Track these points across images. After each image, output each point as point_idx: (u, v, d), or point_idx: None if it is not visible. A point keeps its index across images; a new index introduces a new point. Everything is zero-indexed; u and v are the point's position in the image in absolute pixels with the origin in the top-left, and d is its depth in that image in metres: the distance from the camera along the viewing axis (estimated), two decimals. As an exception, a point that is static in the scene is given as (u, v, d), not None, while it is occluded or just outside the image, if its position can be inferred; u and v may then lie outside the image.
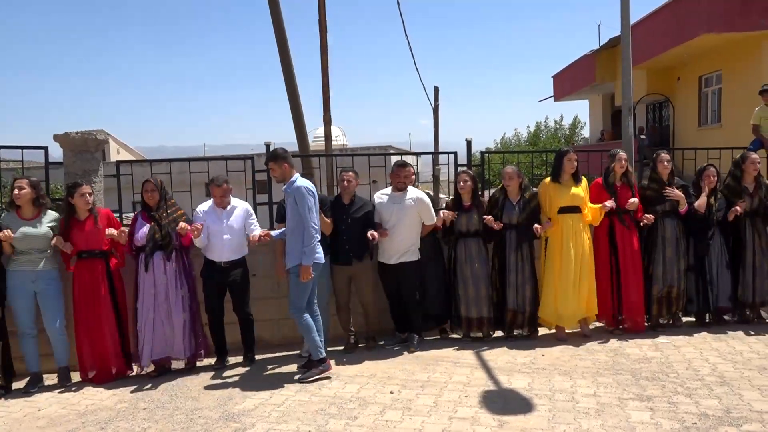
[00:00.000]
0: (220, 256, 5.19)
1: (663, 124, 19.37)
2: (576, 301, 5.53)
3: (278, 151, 4.88)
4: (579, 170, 5.63)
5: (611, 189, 5.67)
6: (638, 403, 4.08)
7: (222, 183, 5.17)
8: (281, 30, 9.20)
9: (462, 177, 5.70)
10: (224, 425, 4.01)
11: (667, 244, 5.73)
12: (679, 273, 5.73)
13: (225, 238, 5.14)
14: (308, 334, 4.85)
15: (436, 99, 22.29)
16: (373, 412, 4.11)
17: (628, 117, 6.53)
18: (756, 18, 12.92)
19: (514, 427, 3.78)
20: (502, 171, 5.73)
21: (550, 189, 5.62)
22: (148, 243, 5.04)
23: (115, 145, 32.63)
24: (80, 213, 5.03)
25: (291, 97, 9.35)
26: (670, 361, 4.91)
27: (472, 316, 5.62)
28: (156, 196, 5.13)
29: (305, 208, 4.71)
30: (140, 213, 5.22)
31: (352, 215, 5.39)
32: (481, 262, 5.62)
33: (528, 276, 5.61)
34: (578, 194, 5.55)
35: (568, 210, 5.54)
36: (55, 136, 5.59)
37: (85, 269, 5.02)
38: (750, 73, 13.41)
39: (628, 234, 5.66)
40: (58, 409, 4.47)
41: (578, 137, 37.05)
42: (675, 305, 5.79)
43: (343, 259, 5.38)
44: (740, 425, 3.69)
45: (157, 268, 5.05)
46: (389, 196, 5.56)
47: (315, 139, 18.28)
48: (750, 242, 5.80)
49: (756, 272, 5.78)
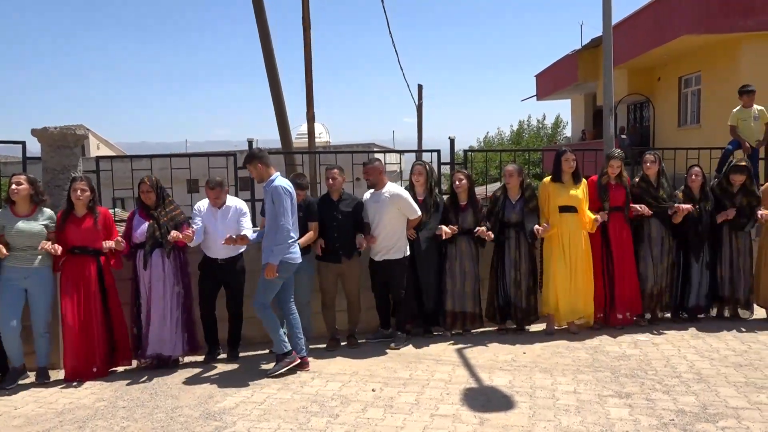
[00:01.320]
0: (217, 253, 5.24)
1: (644, 124, 19.59)
2: (573, 298, 5.62)
3: (253, 151, 4.94)
4: (579, 170, 5.70)
5: (604, 189, 5.75)
6: (617, 400, 4.13)
7: (214, 186, 5.21)
8: (265, 27, 9.17)
9: (458, 176, 5.70)
10: (205, 423, 3.98)
11: (653, 243, 5.84)
12: (663, 271, 5.84)
13: (219, 235, 5.13)
14: (273, 329, 4.91)
15: (420, 97, 22.32)
16: (355, 410, 4.11)
17: (609, 117, 6.59)
18: (735, 20, 13.11)
19: (495, 424, 3.81)
20: (504, 169, 5.80)
21: (550, 188, 5.69)
22: (147, 240, 5.04)
23: (96, 141, 32.24)
24: (78, 209, 4.98)
25: (274, 94, 9.32)
26: (648, 358, 4.98)
27: (456, 310, 5.68)
28: (152, 197, 5.12)
29: (281, 207, 4.78)
30: (137, 211, 5.21)
31: (342, 211, 5.38)
32: (471, 259, 5.68)
33: (525, 272, 5.69)
34: (576, 195, 5.62)
35: (566, 209, 5.61)
36: (33, 131, 5.49)
37: (75, 265, 4.95)
38: (729, 75, 13.60)
39: (620, 231, 5.76)
40: (35, 407, 4.40)
41: (560, 136, 37.35)
42: (658, 302, 5.91)
43: (333, 258, 5.37)
44: (716, 421, 3.75)
45: (155, 265, 5.05)
46: (371, 194, 5.57)
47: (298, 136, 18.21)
48: (727, 242, 5.93)
49: (733, 271, 5.92)
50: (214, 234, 5.20)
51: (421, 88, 22.65)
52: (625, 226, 5.80)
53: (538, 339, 5.60)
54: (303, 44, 9.86)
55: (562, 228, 5.61)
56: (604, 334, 5.66)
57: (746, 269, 5.95)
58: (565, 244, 5.60)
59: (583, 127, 23.73)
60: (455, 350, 5.34)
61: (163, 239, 5.05)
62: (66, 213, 5.00)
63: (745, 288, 5.96)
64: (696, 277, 5.91)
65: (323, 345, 5.59)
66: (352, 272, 5.50)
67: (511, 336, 5.71)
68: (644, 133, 18.97)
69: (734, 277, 5.92)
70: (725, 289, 5.95)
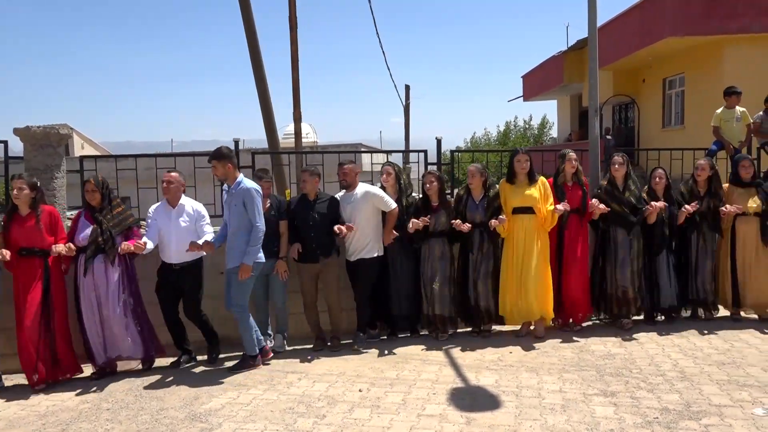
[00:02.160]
0: (170, 257, 5.08)
1: (629, 125, 19.78)
2: (524, 300, 5.53)
3: (223, 150, 4.91)
4: (533, 170, 5.64)
5: (560, 189, 5.69)
6: (602, 399, 4.16)
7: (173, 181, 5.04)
8: (251, 26, 9.12)
9: (428, 178, 5.67)
10: (190, 425, 3.96)
11: (618, 246, 5.77)
12: (632, 275, 5.75)
13: (173, 239, 5.02)
14: (248, 332, 4.96)
15: (407, 97, 22.38)
16: (342, 410, 4.10)
17: (595, 118, 6.64)
18: (716, 23, 13.28)
19: (481, 423, 3.82)
20: (467, 169, 5.78)
21: (506, 189, 5.65)
22: (89, 245, 4.82)
23: (80, 140, 31.86)
24: (21, 208, 4.81)
25: (261, 93, 9.27)
26: (633, 357, 5.02)
27: (434, 313, 5.64)
28: (97, 197, 4.91)
29: (255, 209, 4.81)
30: (83, 212, 5.00)
31: (319, 211, 5.38)
32: (445, 261, 5.64)
33: (488, 273, 5.64)
34: (531, 195, 5.53)
35: (521, 210, 5.54)
36: (16, 130, 5.43)
37: (25, 267, 4.78)
38: (712, 76, 13.77)
39: (576, 232, 5.72)
40: (18, 410, 4.35)
41: (547, 137, 37.59)
42: (633, 306, 5.81)
43: (310, 258, 5.36)
44: (700, 419, 3.79)
45: (97, 271, 4.83)
46: (343, 196, 5.56)
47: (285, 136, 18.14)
48: (695, 244, 5.93)
49: (699, 272, 5.93)
50: (168, 236, 5.05)
51: (409, 89, 22.73)
52: (581, 228, 5.74)
53: (513, 340, 5.56)
54: (290, 43, 9.83)
55: (516, 229, 5.54)
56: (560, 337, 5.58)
57: (712, 270, 5.96)
58: (519, 245, 5.53)
59: (569, 128, 23.90)
60: (442, 350, 5.34)
61: (105, 245, 4.82)
62: (10, 213, 4.84)
63: (711, 289, 5.97)
64: (665, 278, 5.88)
65: (310, 345, 5.58)
66: (330, 272, 5.47)
67: (488, 338, 5.67)
68: (629, 134, 19.15)
69: (701, 279, 5.93)
70: (693, 290, 5.97)
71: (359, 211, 5.41)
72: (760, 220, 5.89)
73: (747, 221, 5.92)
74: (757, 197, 5.91)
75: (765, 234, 5.88)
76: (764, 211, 5.88)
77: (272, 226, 5.27)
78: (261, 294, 5.43)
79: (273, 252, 5.31)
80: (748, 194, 5.94)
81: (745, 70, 12.87)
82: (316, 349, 5.47)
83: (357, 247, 5.46)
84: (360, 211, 5.41)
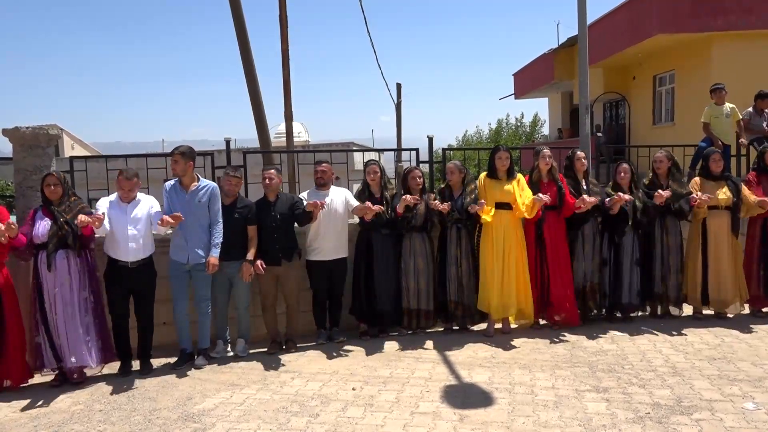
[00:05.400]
0: (126, 254, 4.88)
1: (619, 122, 19.85)
2: (506, 295, 5.55)
3: (192, 150, 5.15)
4: (513, 168, 5.69)
5: (536, 186, 5.67)
6: (594, 395, 4.18)
7: (132, 177, 4.95)
8: (242, 25, 9.08)
9: (416, 173, 5.76)
10: (183, 425, 3.94)
11: (585, 240, 5.82)
12: (595, 268, 5.83)
13: (130, 234, 4.86)
14: (205, 325, 5.26)
15: (399, 96, 22.35)
16: (335, 409, 4.10)
17: (585, 115, 6.67)
18: (705, 20, 13.35)
19: (474, 420, 3.83)
20: (447, 166, 5.84)
21: (486, 184, 5.65)
22: (50, 239, 4.62)
23: (70, 141, 31.65)
24: None
25: (252, 91, 9.24)
26: (625, 353, 5.05)
27: (413, 308, 5.69)
28: (59, 191, 4.77)
29: (218, 207, 5.15)
30: (40, 208, 4.81)
31: (280, 212, 5.35)
32: (424, 256, 5.68)
33: (466, 269, 5.67)
34: (510, 191, 5.55)
35: (500, 206, 5.55)
36: (4, 131, 5.37)
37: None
38: (701, 73, 13.84)
39: (555, 229, 5.71)
40: (9, 412, 4.31)
41: (538, 135, 37.68)
42: (591, 300, 5.86)
43: (272, 260, 5.32)
44: (691, 414, 3.82)
45: (60, 267, 4.65)
46: (313, 194, 5.55)
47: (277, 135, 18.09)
48: (659, 239, 5.93)
49: (664, 269, 5.92)
50: (122, 233, 4.85)
51: (400, 87, 22.68)
52: (559, 225, 5.73)
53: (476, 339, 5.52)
54: (280, 40, 9.79)
55: (496, 224, 5.54)
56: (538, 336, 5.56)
57: (677, 267, 5.95)
58: (498, 240, 5.54)
59: (560, 126, 23.97)
60: (435, 348, 5.35)
61: (68, 238, 4.64)
62: None
63: (676, 286, 5.96)
64: (627, 274, 5.87)
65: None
66: (291, 274, 5.44)
67: (457, 336, 5.65)
68: (620, 132, 19.20)
69: (665, 275, 5.92)
70: (658, 287, 5.94)
71: (333, 210, 5.47)
72: (731, 214, 5.89)
73: (718, 215, 5.90)
74: (727, 189, 5.90)
75: (735, 227, 5.90)
76: (734, 204, 5.87)
77: (237, 229, 5.22)
78: (223, 300, 5.37)
79: (238, 255, 5.22)
80: (718, 187, 5.93)
81: (734, 67, 12.96)
82: (270, 353, 5.37)
83: (331, 246, 5.49)
84: (334, 210, 5.47)
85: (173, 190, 5.14)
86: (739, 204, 5.91)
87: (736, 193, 5.90)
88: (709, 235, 5.94)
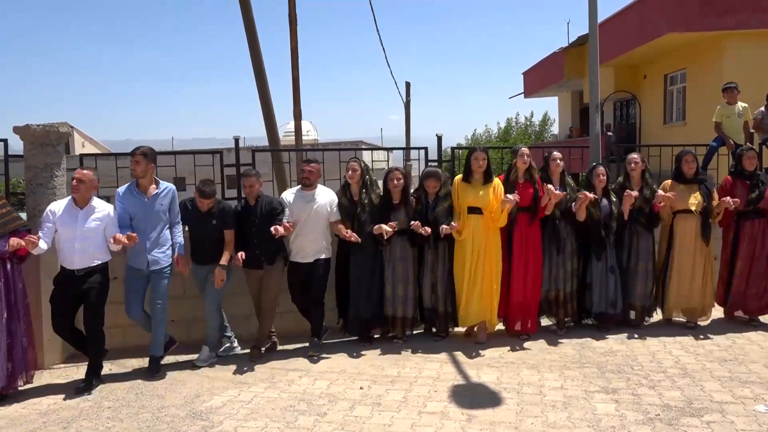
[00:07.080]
0: (71, 262, 4.60)
1: (630, 122, 19.72)
2: (474, 303, 5.38)
3: (148, 149, 5.04)
4: (491, 170, 5.45)
5: (512, 186, 5.44)
6: (604, 396, 4.15)
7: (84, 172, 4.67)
8: (251, 24, 9.11)
9: (395, 174, 5.45)
10: (191, 423, 3.96)
11: (561, 245, 5.56)
12: (567, 275, 5.60)
13: (77, 244, 4.58)
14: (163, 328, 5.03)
15: (408, 94, 22.34)
16: (343, 408, 4.10)
17: (596, 114, 6.62)
18: (715, 19, 13.24)
19: (482, 420, 3.81)
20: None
21: (460, 188, 5.46)
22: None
23: (80, 139, 31.90)
24: None
25: (261, 90, 9.27)
26: (635, 354, 5.01)
27: (396, 315, 5.51)
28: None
29: (177, 209, 5.13)
30: None
31: (260, 217, 5.20)
32: (404, 261, 5.48)
33: (442, 275, 5.48)
34: (484, 195, 5.34)
35: (473, 211, 5.37)
36: (15, 128, 5.40)
37: None
38: (712, 72, 13.72)
39: (526, 232, 5.47)
40: (19, 408, 4.34)
41: (548, 134, 37.55)
42: (563, 309, 5.64)
43: (255, 264, 5.22)
44: (701, 416, 3.79)
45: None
46: (298, 194, 5.40)
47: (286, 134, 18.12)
48: (627, 245, 5.70)
49: (634, 276, 5.70)
50: (71, 240, 4.59)
51: (409, 86, 22.67)
52: (532, 228, 5.47)
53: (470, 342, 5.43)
54: (289, 38, 9.80)
55: (468, 229, 5.35)
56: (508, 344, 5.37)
57: (648, 273, 5.72)
58: (469, 246, 5.37)
59: (570, 125, 23.86)
60: (443, 347, 5.33)
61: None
62: None
63: (647, 293, 5.74)
64: (598, 281, 5.60)
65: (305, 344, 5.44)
66: (272, 276, 5.30)
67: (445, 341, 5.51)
68: (630, 131, 19.09)
69: (636, 282, 5.70)
70: (629, 294, 5.71)
71: (317, 213, 5.31)
72: (701, 218, 5.60)
73: (685, 220, 5.64)
74: (699, 194, 5.61)
75: (706, 232, 5.62)
76: (704, 209, 5.60)
77: (213, 233, 5.14)
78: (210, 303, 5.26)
79: (211, 258, 5.14)
80: (690, 191, 5.64)
81: (745, 66, 12.84)
82: (253, 358, 5.23)
83: (314, 247, 5.33)
84: (317, 213, 5.31)
85: (129, 194, 4.91)
86: (710, 209, 5.65)
87: (707, 197, 5.63)
88: (674, 240, 5.69)
